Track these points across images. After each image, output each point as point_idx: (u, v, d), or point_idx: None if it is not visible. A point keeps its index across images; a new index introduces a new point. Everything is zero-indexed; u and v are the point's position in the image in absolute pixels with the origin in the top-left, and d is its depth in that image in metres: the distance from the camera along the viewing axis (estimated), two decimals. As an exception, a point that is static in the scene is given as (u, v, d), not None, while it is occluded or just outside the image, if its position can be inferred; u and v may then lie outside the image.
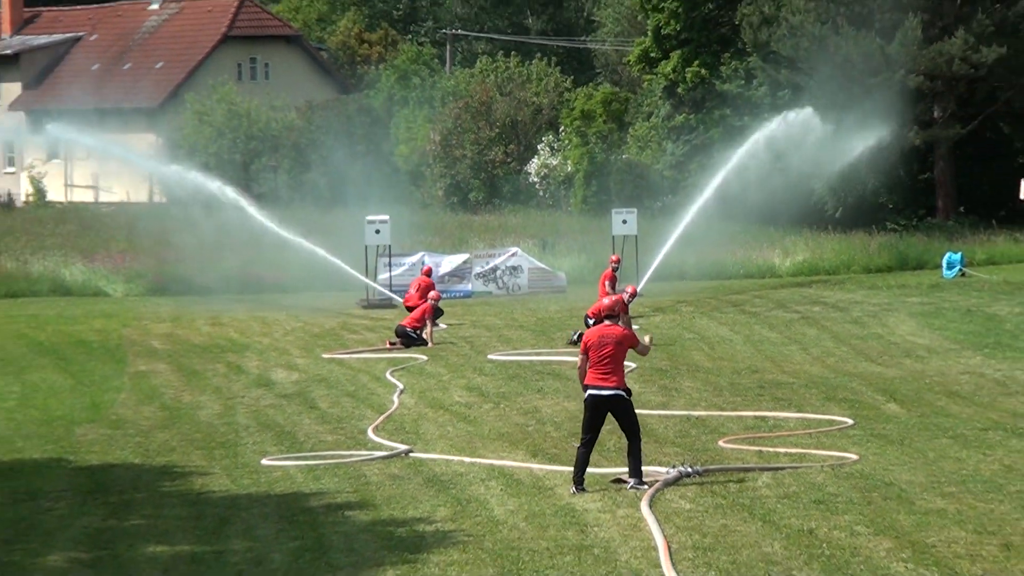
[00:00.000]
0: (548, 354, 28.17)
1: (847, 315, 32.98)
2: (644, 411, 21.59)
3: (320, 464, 18.70)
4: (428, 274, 34.01)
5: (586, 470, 16.95)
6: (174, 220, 41.31)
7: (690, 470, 17.48)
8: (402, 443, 19.86)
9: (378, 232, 36.71)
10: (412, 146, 66.34)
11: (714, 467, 17.94)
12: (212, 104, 69.43)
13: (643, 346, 17.50)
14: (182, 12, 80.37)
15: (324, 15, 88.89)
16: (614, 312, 17.44)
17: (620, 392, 16.90)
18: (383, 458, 19.02)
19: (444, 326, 32.11)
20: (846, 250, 45.43)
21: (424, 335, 29.57)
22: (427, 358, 27.73)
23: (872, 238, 46.88)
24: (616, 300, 17.86)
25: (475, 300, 38.23)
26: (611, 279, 31.30)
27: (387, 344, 29.66)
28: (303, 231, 39.23)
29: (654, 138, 59.04)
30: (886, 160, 47.91)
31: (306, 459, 19.02)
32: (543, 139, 63.19)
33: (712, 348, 28.71)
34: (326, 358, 28.21)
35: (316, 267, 39.79)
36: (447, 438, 20.40)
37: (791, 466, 18.07)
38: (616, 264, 32.53)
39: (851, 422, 20.79)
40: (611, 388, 16.86)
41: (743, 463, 18.37)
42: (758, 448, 19.26)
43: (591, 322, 29.44)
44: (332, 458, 19.06)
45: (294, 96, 71.62)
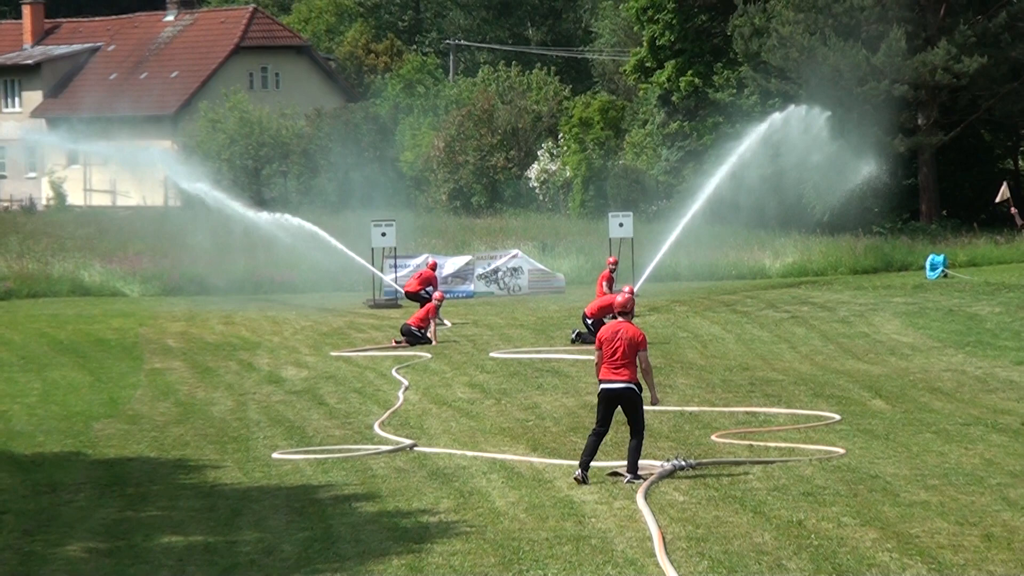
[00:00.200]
0: (548, 352, 28.16)
1: (834, 315, 32.98)
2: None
3: (328, 458, 18.70)
4: (433, 268, 34.30)
5: (593, 458, 16.94)
6: (188, 223, 41.30)
7: (683, 463, 17.48)
8: (407, 438, 19.86)
9: (384, 235, 36.70)
10: (417, 152, 66.36)
11: (707, 460, 17.94)
12: (225, 112, 69.45)
13: (646, 357, 17.17)
14: (196, 23, 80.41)
15: (332, 26, 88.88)
16: (626, 310, 17.43)
17: (631, 386, 16.89)
18: (389, 452, 19.01)
19: (449, 324, 32.17)
20: (833, 252, 45.44)
21: (428, 334, 29.59)
22: (431, 356, 27.74)
23: (858, 241, 46.88)
24: (626, 298, 17.72)
25: (477, 300, 38.23)
26: (609, 280, 31.38)
27: (393, 342, 29.67)
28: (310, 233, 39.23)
29: (649, 144, 59.04)
30: (873, 166, 47.94)
31: (315, 453, 19.02)
32: (543, 145, 63.22)
33: (705, 346, 28.72)
34: (334, 356, 28.22)
35: (324, 269, 39.85)
36: (450, 433, 20.40)
37: (781, 460, 18.07)
38: (613, 266, 32.57)
39: (838, 417, 20.79)
40: (622, 382, 16.88)
41: (735, 457, 18.37)
42: (749, 442, 19.26)
43: (589, 322, 29.53)
44: (340, 452, 19.05)
45: (303, 104, 71.64)
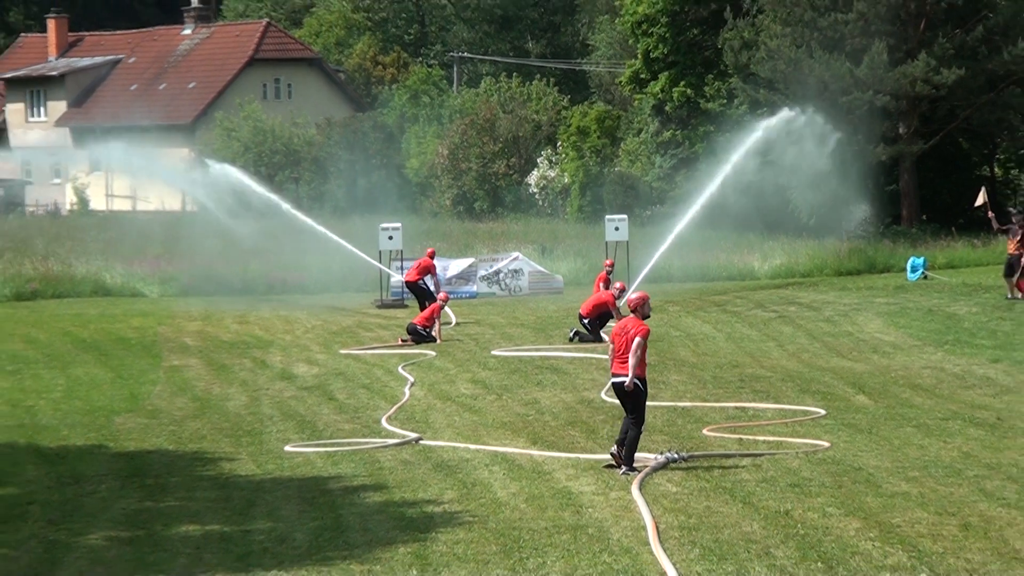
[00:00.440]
0: (547, 350, 28.15)
1: (820, 314, 32.96)
2: (634, 402, 21.65)
3: (338, 451, 18.69)
4: (432, 256, 33.98)
5: (625, 437, 17.15)
6: (205, 227, 41.27)
7: (676, 456, 17.49)
8: (413, 431, 19.85)
9: (391, 238, 36.65)
10: (422, 160, 66.35)
11: (698, 453, 17.95)
12: (239, 121, 69.46)
13: (637, 344, 17.17)
14: (212, 37, 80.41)
15: (342, 39, 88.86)
16: (632, 308, 17.50)
17: (633, 380, 17.01)
18: (395, 445, 19.01)
19: (454, 320, 32.21)
20: (819, 255, 45.38)
21: (433, 332, 29.58)
22: (436, 354, 27.72)
23: (843, 244, 46.84)
24: (640, 297, 17.70)
25: (480, 300, 38.22)
26: (605, 281, 31.42)
27: (399, 341, 29.65)
28: (320, 236, 39.17)
29: (644, 152, 59.02)
30: (857, 172, 48.00)
31: (325, 446, 19.01)
32: (542, 153, 63.21)
33: (696, 344, 28.70)
34: (343, 354, 28.20)
35: (334, 270, 39.84)
36: (454, 427, 20.40)
37: (769, 452, 18.07)
38: (610, 267, 32.58)
39: (823, 412, 20.79)
40: (624, 376, 17.06)
41: (725, 450, 18.37)
42: (739, 436, 19.26)
43: (585, 321, 29.53)
44: (349, 445, 19.05)
45: (314, 114, 71.63)
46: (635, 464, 17.00)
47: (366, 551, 13.92)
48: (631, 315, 17.49)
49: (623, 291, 30.04)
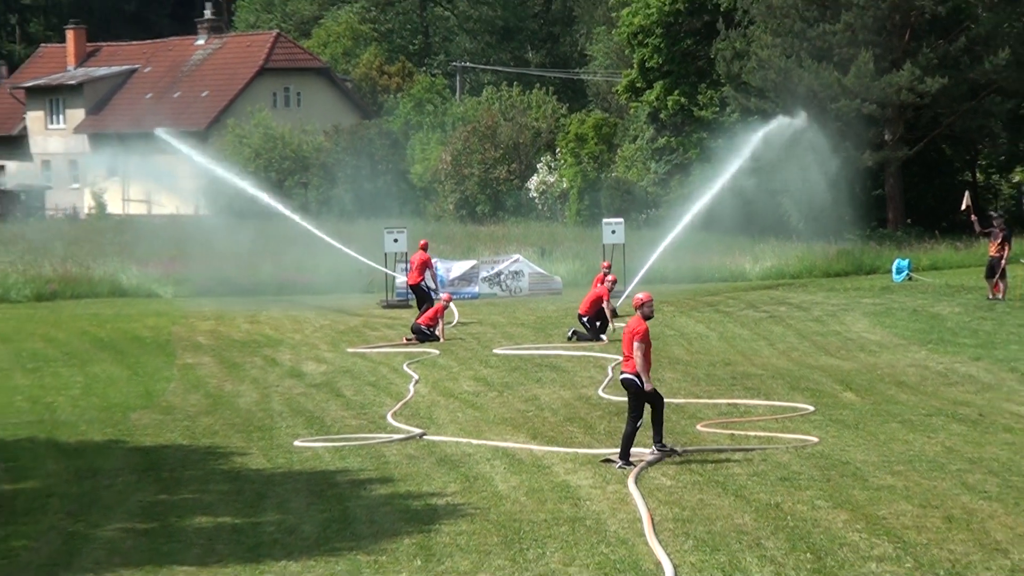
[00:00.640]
0: (546, 349, 28.15)
1: (809, 314, 32.96)
2: (630, 399, 21.65)
3: (345, 445, 18.72)
4: (425, 248, 33.47)
5: (658, 427, 17.35)
6: (217, 230, 41.29)
7: (670, 449, 17.50)
8: (417, 427, 19.87)
9: (396, 241, 36.61)
10: (426, 165, 66.30)
11: (692, 448, 17.95)
12: (251, 128, 69.42)
13: (636, 346, 17.31)
14: (224, 47, 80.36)
15: (349, 50, 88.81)
16: (635, 308, 17.69)
17: (630, 376, 17.25)
18: (400, 440, 19.03)
19: (456, 317, 32.19)
20: (808, 257, 45.34)
21: (436, 332, 29.58)
22: (439, 352, 27.72)
23: (831, 246, 46.80)
24: (641, 299, 17.83)
25: (482, 301, 38.21)
26: (602, 281, 31.38)
27: (404, 340, 29.65)
28: (329, 239, 39.15)
29: (639, 158, 58.98)
30: (844, 178, 48.00)
31: (333, 441, 19.03)
32: (542, 159, 63.14)
33: (690, 343, 28.69)
34: (350, 352, 28.21)
35: (342, 272, 39.83)
36: (457, 423, 20.40)
37: (760, 447, 18.08)
38: (607, 269, 32.57)
39: (812, 409, 20.79)
40: (626, 373, 17.34)
41: (718, 445, 18.38)
42: (731, 432, 19.26)
43: (585, 319, 29.53)
44: (356, 440, 19.07)
45: (322, 121, 71.60)
46: (631, 459, 17.01)
47: (372, 542, 13.94)
48: (636, 314, 17.64)
49: (615, 283, 30.35)
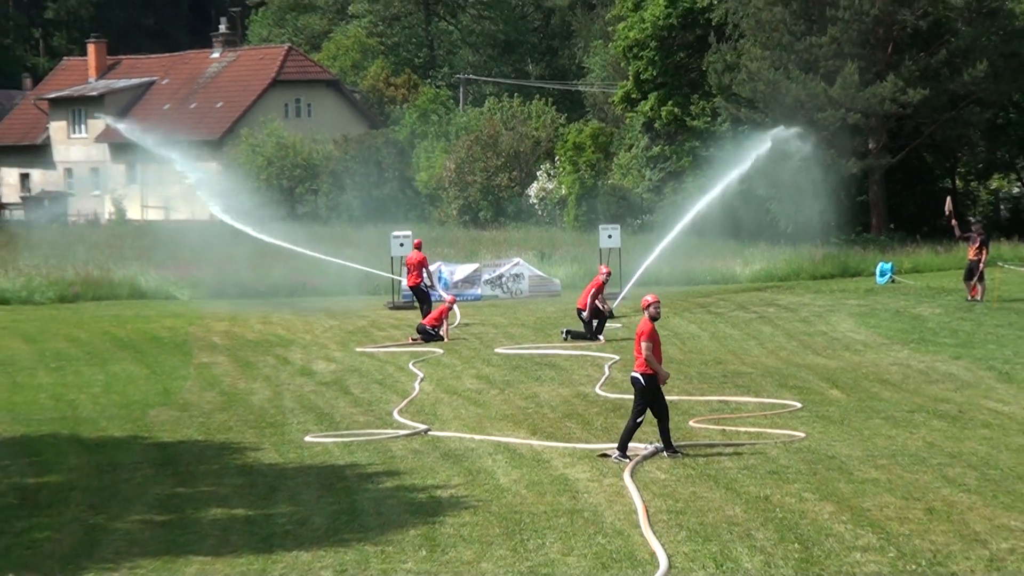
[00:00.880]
0: (546, 348, 28.15)
1: (796, 315, 32.96)
2: (627, 396, 21.63)
3: (353, 441, 18.71)
4: (419, 247, 33.06)
5: (666, 435, 17.31)
6: (231, 236, 41.27)
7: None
8: (422, 423, 19.87)
9: (402, 245, 36.58)
10: (431, 173, 66.31)
11: (685, 443, 17.95)
12: (263, 137, 69.42)
13: (647, 350, 17.34)
14: (239, 60, 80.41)
15: (357, 62, 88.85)
16: (643, 307, 17.66)
17: (634, 375, 17.32)
18: (406, 436, 19.03)
19: (459, 318, 32.17)
20: (796, 260, 45.34)
21: (441, 332, 29.57)
22: (443, 351, 27.73)
23: (818, 250, 46.81)
24: (647, 301, 17.84)
25: (484, 302, 38.22)
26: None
27: (410, 340, 29.64)
28: (338, 243, 39.12)
29: (635, 166, 58.99)
30: (830, 185, 48.01)
31: (342, 436, 19.03)
32: (541, 167, 63.13)
33: (683, 343, 28.69)
34: (359, 351, 28.20)
35: (349, 275, 39.84)
36: (460, 419, 20.40)
37: (749, 442, 18.08)
38: (606, 276, 32.52)
39: (800, 405, 20.79)
40: (634, 372, 17.36)
41: (709, 440, 18.37)
42: (722, 427, 19.26)
43: (584, 314, 29.53)
44: (364, 436, 19.07)
45: (331, 131, 71.60)
46: (628, 453, 17.02)
47: (379, 533, 13.94)
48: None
49: (609, 275, 30.58)
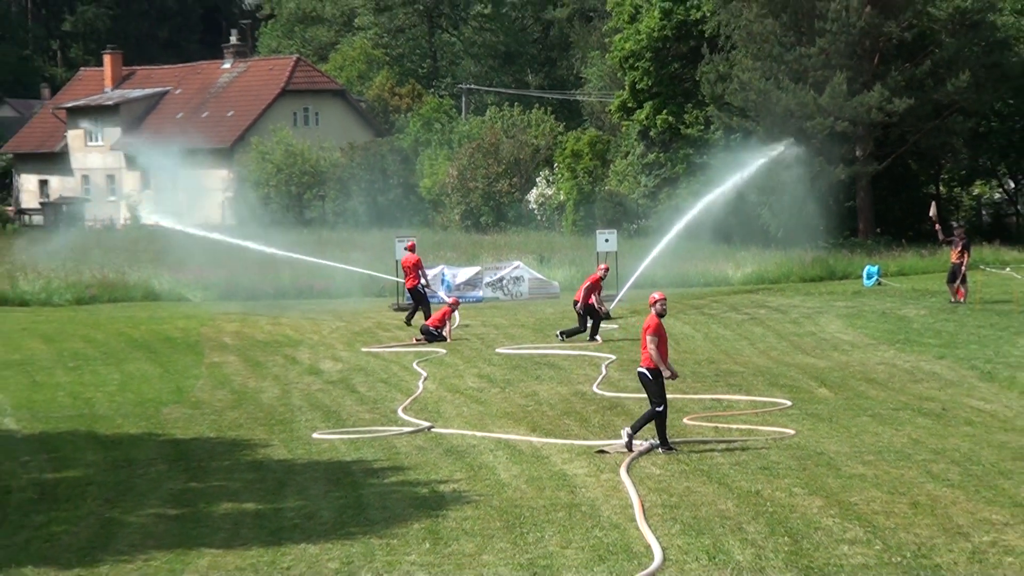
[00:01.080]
0: (545, 348, 28.14)
1: (787, 316, 32.96)
2: (623, 395, 21.66)
3: (359, 437, 18.71)
4: (412, 249, 32.53)
5: (641, 426, 17.42)
6: (242, 239, 41.26)
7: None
8: (426, 420, 19.86)
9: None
10: (434, 179, 66.31)
11: (679, 440, 17.95)
12: (273, 145, 69.43)
13: (652, 344, 17.36)
14: (249, 71, 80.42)
15: (363, 73, 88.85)
16: (650, 304, 17.81)
17: (641, 370, 17.41)
18: (410, 432, 19.02)
19: (457, 320, 32.16)
20: (786, 263, 45.33)
21: (444, 333, 29.57)
22: (446, 351, 27.72)
23: (807, 254, 46.81)
24: (653, 298, 17.92)
25: (485, 304, 38.21)
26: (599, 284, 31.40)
27: (414, 340, 29.64)
28: (344, 247, 39.08)
29: (630, 173, 59.00)
30: (819, 190, 48.04)
31: (348, 433, 19.03)
32: (540, 173, 63.14)
33: (677, 343, 28.67)
34: (364, 351, 28.20)
35: (355, 278, 39.86)
36: (462, 416, 20.40)
37: (741, 439, 18.08)
38: (604, 272, 32.51)
39: (789, 403, 20.79)
40: (640, 367, 17.43)
41: (703, 437, 18.37)
42: (715, 425, 19.26)
43: (577, 306, 29.49)
44: (369, 433, 19.07)
45: (338, 139, 71.60)
46: (634, 439, 17.16)
47: (384, 526, 13.94)
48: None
49: (607, 270, 30.63)
